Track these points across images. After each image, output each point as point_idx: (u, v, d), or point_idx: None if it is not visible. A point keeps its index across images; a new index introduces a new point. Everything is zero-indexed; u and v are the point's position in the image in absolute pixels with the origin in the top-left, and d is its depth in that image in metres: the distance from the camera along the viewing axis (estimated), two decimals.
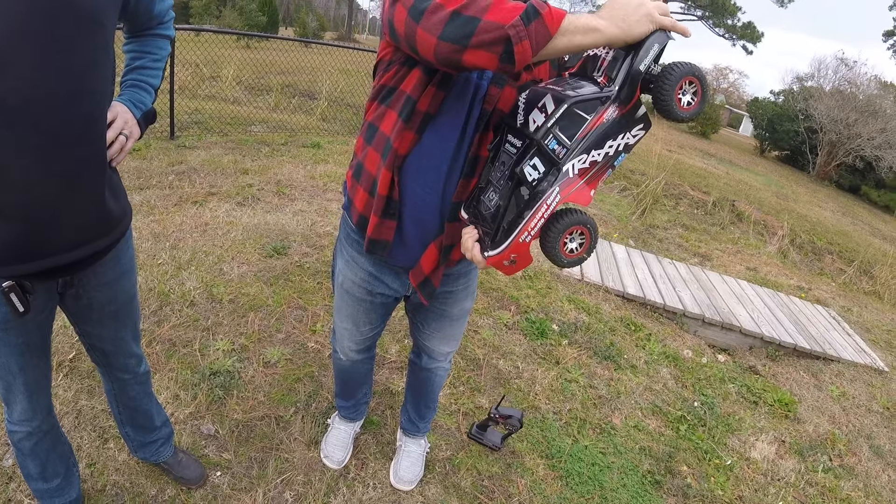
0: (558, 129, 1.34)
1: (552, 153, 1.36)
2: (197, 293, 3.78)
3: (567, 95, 1.33)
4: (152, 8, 1.70)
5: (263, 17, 31.38)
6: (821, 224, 12.92)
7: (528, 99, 1.47)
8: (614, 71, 1.33)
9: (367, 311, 2.17)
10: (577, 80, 1.43)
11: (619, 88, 1.32)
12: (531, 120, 1.40)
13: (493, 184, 1.55)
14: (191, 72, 11.18)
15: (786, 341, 5.23)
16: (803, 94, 30.85)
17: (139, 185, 5.31)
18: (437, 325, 2.26)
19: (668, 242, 7.74)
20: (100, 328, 1.87)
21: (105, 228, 1.63)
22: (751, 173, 20.21)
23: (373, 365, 2.67)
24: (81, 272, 1.66)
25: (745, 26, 41.46)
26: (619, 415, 3.63)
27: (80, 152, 1.43)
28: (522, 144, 1.46)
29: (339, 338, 2.38)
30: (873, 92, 29.43)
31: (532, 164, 1.40)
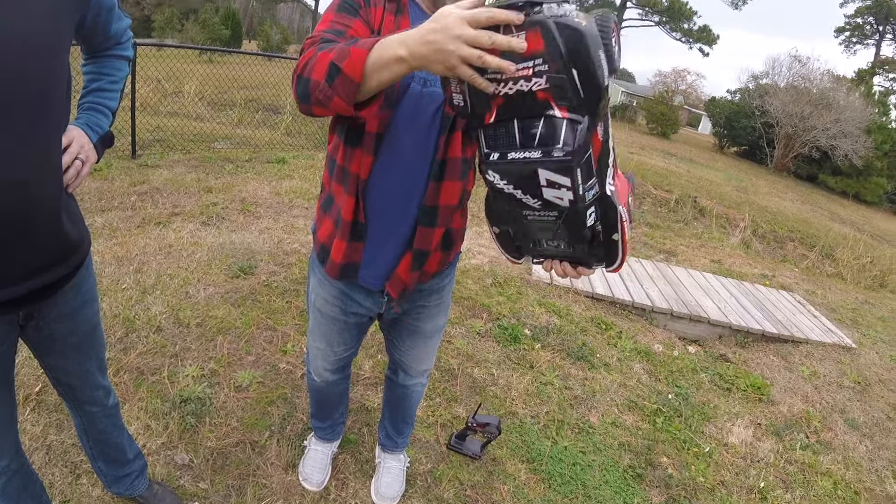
0: (585, 185, 1.27)
1: (596, 198, 1.32)
2: (163, 318, 3.71)
3: (564, 160, 1.22)
4: (109, 28, 1.66)
5: (226, 31, 31.25)
6: (781, 213, 13.14)
7: (518, 180, 1.30)
8: (570, 99, 1.19)
9: (341, 331, 2.14)
10: (532, 122, 1.25)
11: (594, 115, 1.23)
12: (554, 198, 1.28)
13: (547, 242, 1.47)
14: (152, 88, 11.08)
15: (753, 328, 5.32)
16: (759, 92, 31.79)
17: (101, 207, 5.23)
18: (412, 342, 2.25)
19: (634, 241, 7.80)
20: (63, 361, 1.82)
21: (63, 256, 1.58)
22: (711, 170, 20.52)
23: (348, 385, 2.63)
24: (41, 303, 1.61)
25: (700, 30, 42.42)
26: (595, 413, 3.64)
27: (35, 179, 1.39)
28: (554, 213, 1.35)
29: (312, 358, 2.34)
30: (826, 85, 30.42)
31: (591, 218, 1.36)
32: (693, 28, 42.70)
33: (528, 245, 1.52)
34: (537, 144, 1.22)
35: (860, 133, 27.15)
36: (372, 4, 1.60)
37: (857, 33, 51.74)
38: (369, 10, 1.60)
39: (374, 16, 1.60)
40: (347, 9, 1.57)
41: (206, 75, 11.87)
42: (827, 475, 3.62)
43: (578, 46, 1.11)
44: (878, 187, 28.70)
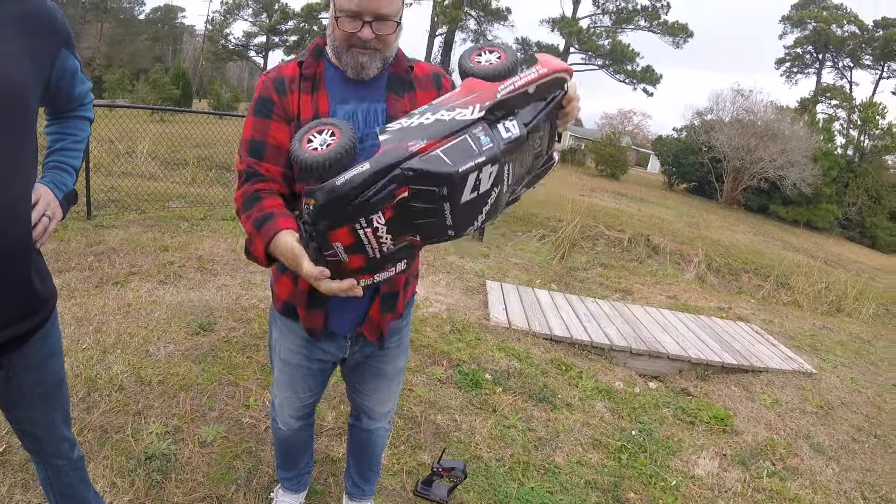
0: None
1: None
2: (125, 377, 3.69)
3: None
4: (72, 91, 1.73)
5: (177, 91, 31.21)
6: (734, 246, 13.41)
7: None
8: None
9: (306, 377, 2.18)
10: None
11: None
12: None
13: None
14: (105, 148, 11.02)
15: (713, 360, 5.40)
16: (704, 128, 32.37)
17: (58, 268, 5.18)
18: (375, 385, 2.28)
19: (590, 282, 7.92)
20: (30, 411, 1.83)
21: (31, 309, 1.62)
22: (662, 207, 20.88)
23: (313, 432, 2.65)
24: (9, 354, 1.63)
25: (644, 70, 43.27)
26: (560, 453, 3.67)
27: (7, 233, 1.45)
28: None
29: (278, 407, 2.35)
30: (771, 117, 31.10)
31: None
32: (636, 69, 43.57)
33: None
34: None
35: (807, 161, 27.78)
36: (287, 92, 1.74)
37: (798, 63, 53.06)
38: (285, 99, 1.74)
39: (290, 104, 1.74)
40: (262, 111, 1.75)
41: (159, 135, 11.85)
42: (795, 501, 3.68)
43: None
44: (829, 213, 29.40)
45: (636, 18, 43.81)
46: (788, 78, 54.65)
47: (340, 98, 1.75)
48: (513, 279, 7.20)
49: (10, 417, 1.85)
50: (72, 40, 1.64)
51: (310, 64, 1.76)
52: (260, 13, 55.64)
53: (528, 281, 7.23)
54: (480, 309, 5.89)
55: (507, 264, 8.03)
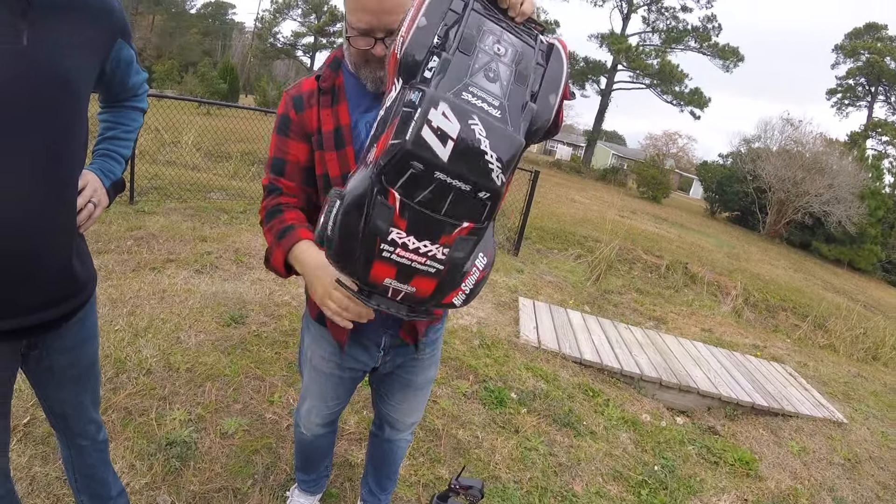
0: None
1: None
2: (154, 361, 3.73)
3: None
4: (127, 80, 1.76)
5: (224, 85, 31.56)
6: (773, 282, 13.19)
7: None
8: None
9: (336, 386, 2.18)
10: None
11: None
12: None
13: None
14: (152, 136, 11.18)
15: (743, 400, 5.28)
16: (751, 156, 31.78)
17: (97, 250, 5.27)
18: (402, 396, 2.26)
19: (624, 307, 7.84)
20: (61, 392, 1.86)
21: (71, 292, 1.65)
22: (702, 235, 20.64)
23: (335, 438, 2.65)
24: (46, 334, 1.65)
25: (692, 92, 42.77)
26: (580, 482, 3.62)
27: (51, 216, 1.47)
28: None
29: (305, 413, 2.35)
30: (819, 149, 30.47)
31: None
32: (684, 91, 43.10)
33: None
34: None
35: (853, 199, 27.00)
36: (306, 108, 1.75)
37: (849, 95, 52.02)
38: (303, 115, 1.75)
39: (308, 120, 1.75)
40: (282, 129, 1.79)
41: (204, 127, 12.00)
42: None
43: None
44: (872, 255, 28.53)
45: (686, 39, 43.41)
46: (839, 110, 53.67)
47: (362, 107, 1.75)
48: (546, 297, 7.15)
49: (39, 395, 1.88)
50: (128, 30, 1.66)
51: (327, 77, 1.75)
52: (309, 14, 56.25)
53: (562, 301, 7.17)
54: (511, 325, 5.86)
55: (541, 281, 7.98)
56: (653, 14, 44.72)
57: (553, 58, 1.42)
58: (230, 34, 71.49)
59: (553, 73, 1.40)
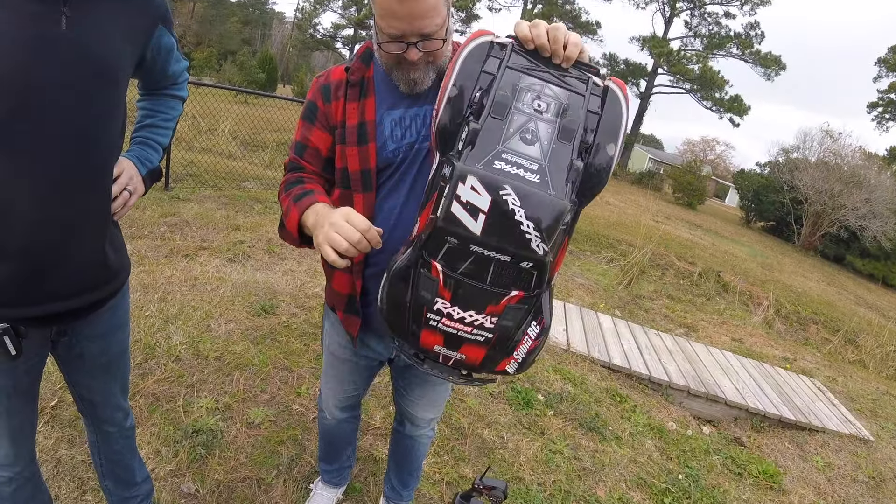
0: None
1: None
2: (183, 348, 3.76)
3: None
4: (167, 68, 1.76)
5: (263, 75, 31.70)
6: (806, 294, 13.01)
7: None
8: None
9: (352, 371, 2.20)
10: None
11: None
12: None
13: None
14: (188, 123, 11.26)
15: (771, 412, 5.23)
16: (789, 166, 31.30)
17: (131, 235, 5.33)
18: (421, 391, 2.26)
19: (654, 313, 7.77)
20: (89, 379, 1.87)
21: (103, 280, 1.65)
22: (736, 244, 20.41)
23: (357, 426, 2.66)
24: (76, 322, 1.66)
25: (732, 99, 42.21)
26: (603, 487, 3.60)
27: (84, 202, 1.47)
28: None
29: (324, 397, 2.39)
30: (857, 163, 29.95)
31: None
32: (724, 97, 42.50)
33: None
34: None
35: (890, 214, 26.48)
36: (333, 99, 1.72)
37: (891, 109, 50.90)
38: (329, 106, 1.72)
39: (334, 112, 1.72)
40: (308, 116, 1.77)
41: (241, 116, 12.05)
42: None
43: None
44: None
45: (728, 45, 42.76)
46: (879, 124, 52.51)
47: (389, 104, 1.70)
48: (577, 300, 7.11)
49: (68, 380, 1.89)
50: (169, 17, 1.66)
51: (357, 69, 1.71)
52: (349, 6, 56.27)
53: (592, 304, 7.13)
54: None
55: (572, 284, 7.94)
56: (695, 19, 44.22)
57: (609, 102, 1.34)
58: (270, 24, 71.99)
59: (610, 121, 1.33)
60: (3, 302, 1.44)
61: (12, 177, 1.32)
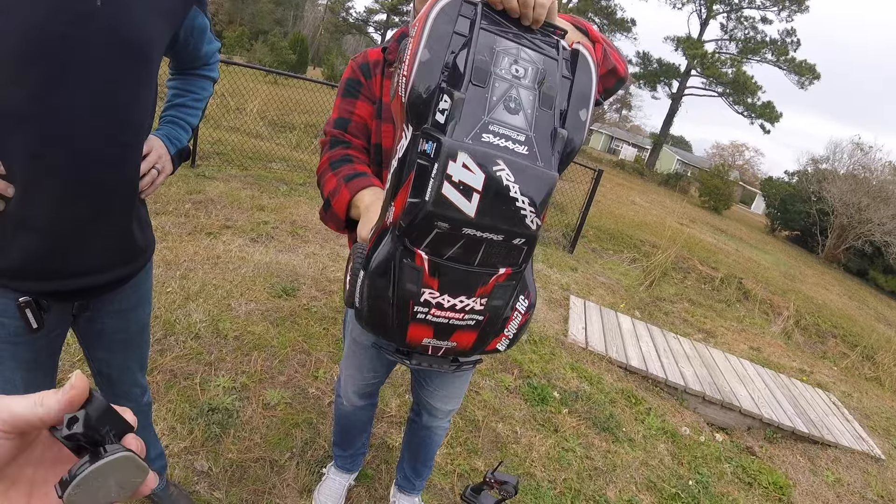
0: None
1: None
2: (203, 326, 3.78)
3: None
4: (200, 49, 1.76)
5: (293, 56, 31.73)
6: (826, 307, 12.88)
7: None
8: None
9: (372, 359, 2.21)
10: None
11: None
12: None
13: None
14: (217, 102, 11.29)
15: (785, 424, 5.18)
16: (817, 176, 30.97)
17: (155, 210, 5.36)
18: (440, 381, 2.27)
19: (674, 316, 7.73)
20: (108, 354, 1.88)
21: (128, 257, 1.66)
22: (760, 252, 20.22)
23: (373, 414, 2.67)
24: (99, 297, 1.68)
25: (764, 105, 41.71)
26: (613, 488, 3.59)
27: (113, 179, 1.48)
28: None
29: (343, 383, 2.40)
30: (887, 178, 29.57)
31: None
32: (756, 103, 41.99)
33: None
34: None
35: None
36: (372, 75, 1.76)
37: None
38: (370, 81, 1.76)
39: (374, 86, 1.75)
40: (350, 91, 1.78)
41: (270, 96, 12.06)
42: None
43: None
44: None
45: (763, 50, 42.25)
46: None
47: None
48: (597, 298, 7.09)
49: (87, 354, 1.90)
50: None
51: (393, 50, 1.75)
52: None
53: (613, 303, 7.10)
54: (560, 323, 5.82)
55: (593, 282, 7.91)
56: (731, 22, 43.75)
57: (580, 67, 1.27)
58: (303, 5, 71.94)
59: (582, 86, 1.26)
60: (27, 276, 1.46)
61: (43, 151, 1.33)
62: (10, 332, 1.51)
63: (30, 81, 1.26)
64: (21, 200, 1.36)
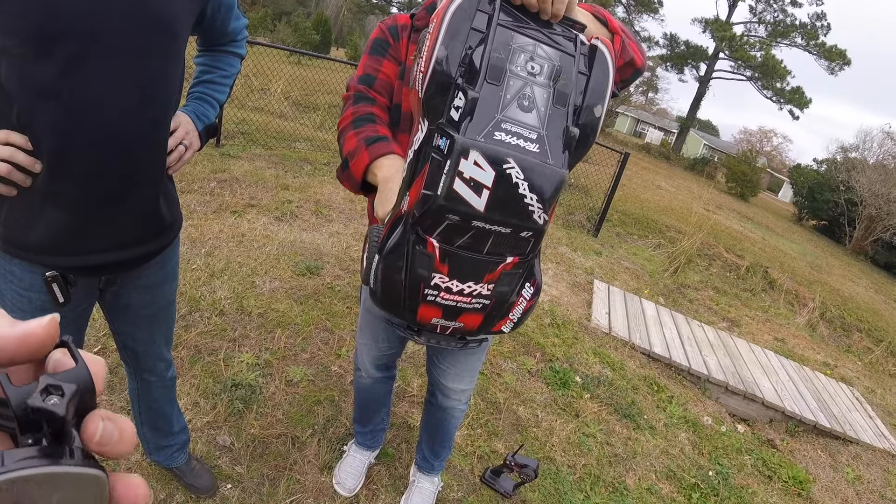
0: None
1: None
2: (227, 303, 3.81)
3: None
4: (227, 25, 1.76)
5: (316, 36, 31.67)
6: (852, 300, 12.73)
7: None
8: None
9: (386, 329, 2.22)
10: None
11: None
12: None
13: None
14: (241, 82, 11.31)
15: (807, 418, 5.13)
16: (846, 165, 30.49)
17: (180, 189, 5.38)
18: (452, 360, 2.27)
19: (699, 304, 7.67)
20: (134, 329, 1.90)
21: (155, 233, 1.67)
22: (787, 241, 20.01)
23: (391, 387, 2.70)
24: (125, 273, 1.69)
25: (793, 91, 41.08)
26: (633, 475, 3.58)
27: (140, 155, 1.49)
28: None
29: (359, 354, 2.43)
30: None
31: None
32: (785, 88, 41.29)
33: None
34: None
35: None
36: (400, 38, 1.76)
37: None
38: (398, 44, 1.76)
39: (401, 49, 1.76)
40: (377, 50, 1.77)
41: (294, 76, 12.05)
42: None
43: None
44: None
45: (793, 34, 41.45)
46: None
47: None
48: (621, 283, 7.05)
49: (113, 329, 1.92)
50: None
51: (421, 17, 1.76)
52: None
53: (637, 289, 7.05)
54: (583, 308, 5.80)
55: (618, 267, 7.86)
56: (761, 4, 42.94)
57: (597, 63, 1.28)
58: None
59: (598, 82, 1.28)
60: (55, 250, 1.47)
61: (70, 127, 1.33)
62: (37, 307, 1.53)
63: (56, 57, 1.26)
64: (48, 176, 1.36)
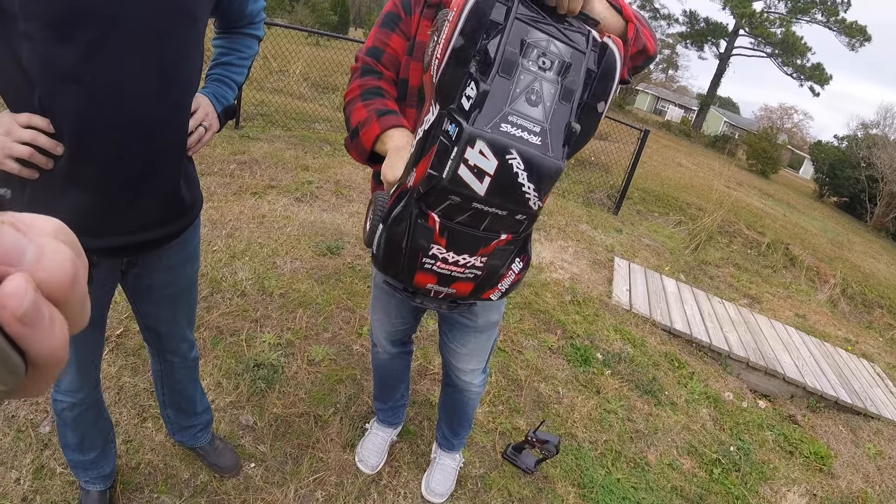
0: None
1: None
2: (248, 284, 3.84)
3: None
4: (245, 7, 1.76)
5: (335, 17, 31.60)
6: (873, 276, 12.61)
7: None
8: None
9: (398, 305, 2.25)
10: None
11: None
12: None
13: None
14: (259, 63, 11.30)
15: (828, 393, 5.10)
16: (867, 142, 30.14)
17: (201, 171, 5.37)
18: (463, 339, 2.27)
19: (719, 280, 7.63)
20: (157, 309, 1.92)
21: (175, 214, 1.69)
22: (807, 217, 19.84)
23: (409, 363, 2.71)
24: (148, 254, 1.70)
25: (813, 67, 40.54)
26: (654, 451, 3.59)
27: (161, 138, 1.50)
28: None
29: (374, 330, 2.45)
30: None
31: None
32: (806, 64, 40.73)
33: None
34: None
35: None
36: (412, 13, 1.75)
37: None
38: (409, 18, 1.75)
39: (412, 23, 1.75)
40: (388, 23, 1.77)
41: (312, 57, 12.02)
42: None
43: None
44: None
45: (813, 11, 40.80)
46: None
47: None
48: (642, 261, 7.02)
49: (135, 310, 1.94)
50: None
51: None
52: None
53: (657, 266, 7.02)
54: (604, 285, 5.79)
55: (638, 244, 7.83)
56: None
57: (606, 61, 1.32)
58: None
59: (605, 79, 1.33)
60: (77, 232, 1.47)
61: (91, 110, 1.34)
62: None
63: (77, 41, 1.27)
64: (70, 159, 1.37)
